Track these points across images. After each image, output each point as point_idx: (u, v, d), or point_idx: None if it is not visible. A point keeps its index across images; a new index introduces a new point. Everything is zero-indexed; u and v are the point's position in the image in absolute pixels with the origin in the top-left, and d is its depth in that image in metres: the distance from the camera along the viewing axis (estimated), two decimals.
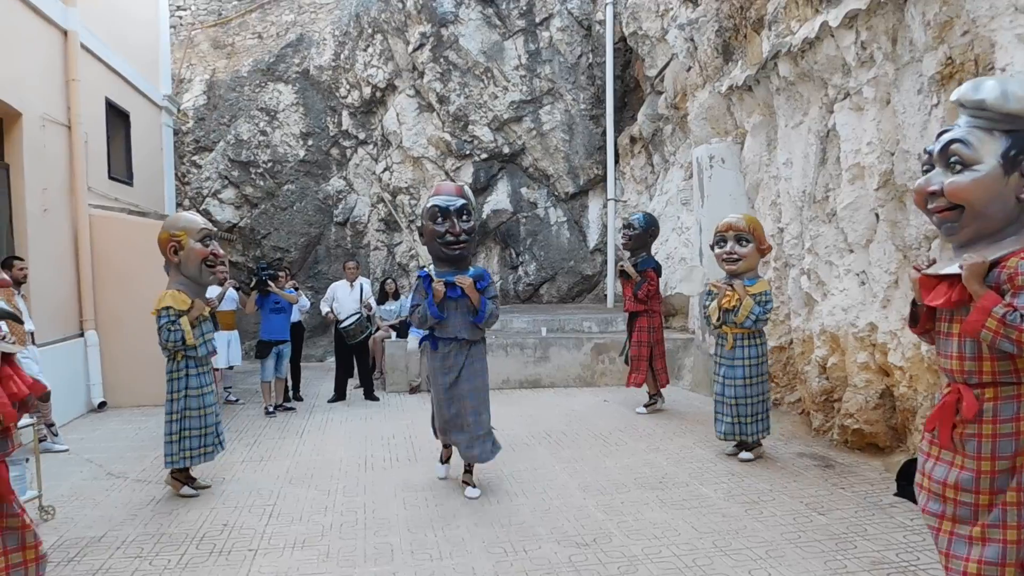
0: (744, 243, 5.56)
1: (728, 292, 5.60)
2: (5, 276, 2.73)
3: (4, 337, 2.75)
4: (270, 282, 7.88)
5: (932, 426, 2.78)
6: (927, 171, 2.78)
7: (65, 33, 8.13)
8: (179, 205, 12.04)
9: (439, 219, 4.96)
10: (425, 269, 5.17)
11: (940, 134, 2.76)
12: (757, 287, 5.55)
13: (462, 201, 5.01)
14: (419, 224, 5.11)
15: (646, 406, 7.60)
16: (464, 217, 4.99)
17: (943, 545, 2.70)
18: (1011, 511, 2.57)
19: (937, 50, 4.70)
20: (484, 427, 5.09)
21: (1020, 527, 2.58)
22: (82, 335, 8.17)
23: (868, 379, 5.66)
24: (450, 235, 4.97)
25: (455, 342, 5.05)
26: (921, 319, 2.92)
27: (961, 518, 2.64)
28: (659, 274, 7.62)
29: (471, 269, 5.15)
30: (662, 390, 7.72)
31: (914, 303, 2.94)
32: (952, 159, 2.65)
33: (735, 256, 5.58)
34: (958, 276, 2.63)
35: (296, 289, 8.61)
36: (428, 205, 5.03)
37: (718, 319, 5.65)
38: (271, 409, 7.90)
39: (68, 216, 8.11)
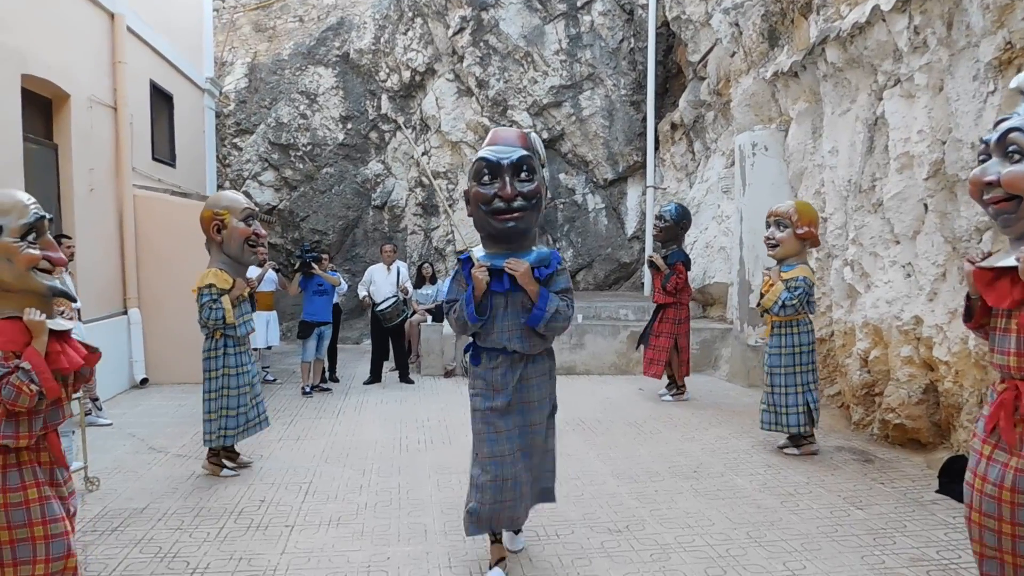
0: (782, 228, 5.49)
1: (767, 277, 5.58)
2: (62, 255, 2.79)
3: (63, 313, 2.83)
4: (314, 264, 7.96)
5: (992, 425, 2.67)
6: (983, 161, 2.69)
7: (112, 16, 8.26)
8: (220, 187, 12.20)
9: (486, 177, 3.46)
10: (467, 251, 3.67)
11: (998, 123, 2.67)
12: (792, 273, 5.43)
13: (521, 153, 3.48)
14: (466, 188, 3.67)
15: (668, 389, 7.64)
16: (523, 175, 3.46)
17: (1004, 545, 2.60)
18: None
19: (996, 35, 4.54)
20: (549, 473, 3.84)
21: None
22: (125, 313, 8.35)
23: (911, 373, 5.53)
24: (500, 200, 3.42)
25: (503, 355, 3.54)
26: (976, 314, 2.83)
27: (1020, 520, 2.55)
28: (688, 267, 7.58)
29: (534, 251, 3.60)
30: (686, 380, 7.70)
31: (968, 297, 2.85)
32: (1011, 148, 2.55)
33: (772, 241, 5.53)
34: (1017, 271, 2.53)
35: (335, 272, 8.69)
36: (475, 159, 3.56)
37: (759, 304, 5.62)
38: (307, 389, 7.99)
39: (113, 196, 8.28)
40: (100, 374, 6.75)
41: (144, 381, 8.37)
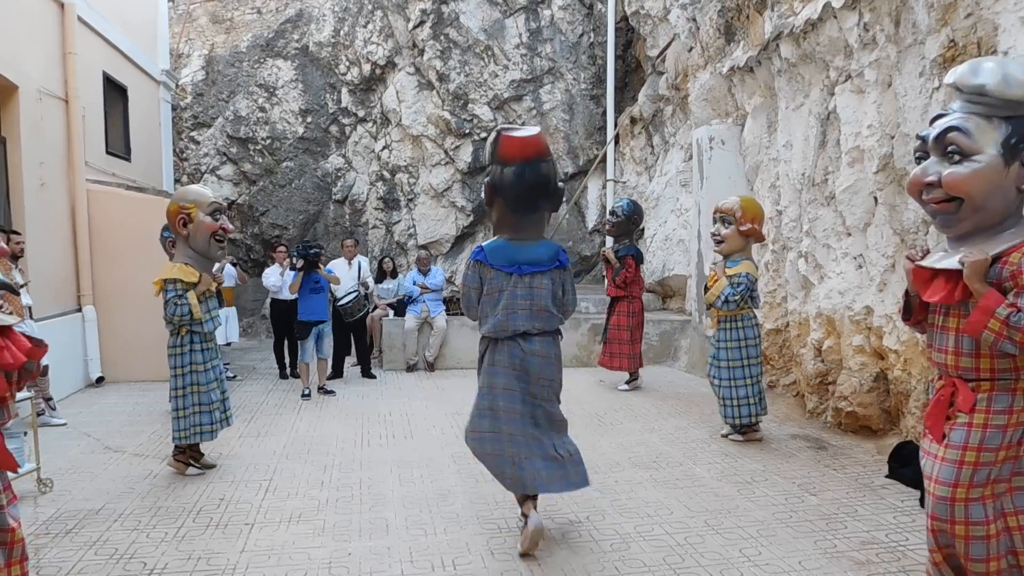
0: (727, 224, 5.60)
1: (713, 271, 5.72)
2: (3, 245, 2.66)
3: (1, 308, 2.71)
4: (318, 264, 7.70)
5: (930, 423, 2.70)
6: (920, 158, 2.64)
7: (62, 6, 8.06)
8: (177, 181, 12.00)
9: None
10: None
11: (935, 119, 2.60)
12: (736, 269, 5.56)
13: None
14: None
15: (627, 383, 7.78)
16: None
17: (931, 541, 2.66)
18: (1003, 500, 2.54)
19: (940, 32, 4.68)
20: None
21: (1007, 515, 2.56)
22: (80, 310, 8.18)
23: (863, 362, 5.68)
24: None
25: None
26: (914, 310, 2.82)
27: (939, 515, 2.59)
28: (639, 261, 7.76)
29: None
30: (639, 371, 7.87)
31: (907, 293, 2.83)
32: (950, 148, 2.48)
33: (718, 237, 5.65)
34: (957, 272, 2.49)
35: (329, 269, 8.47)
36: None
37: (706, 298, 5.76)
38: (307, 392, 7.67)
39: (66, 190, 8.09)
40: (54, 373, 6.62)
41: (100, 380, 8.21)
